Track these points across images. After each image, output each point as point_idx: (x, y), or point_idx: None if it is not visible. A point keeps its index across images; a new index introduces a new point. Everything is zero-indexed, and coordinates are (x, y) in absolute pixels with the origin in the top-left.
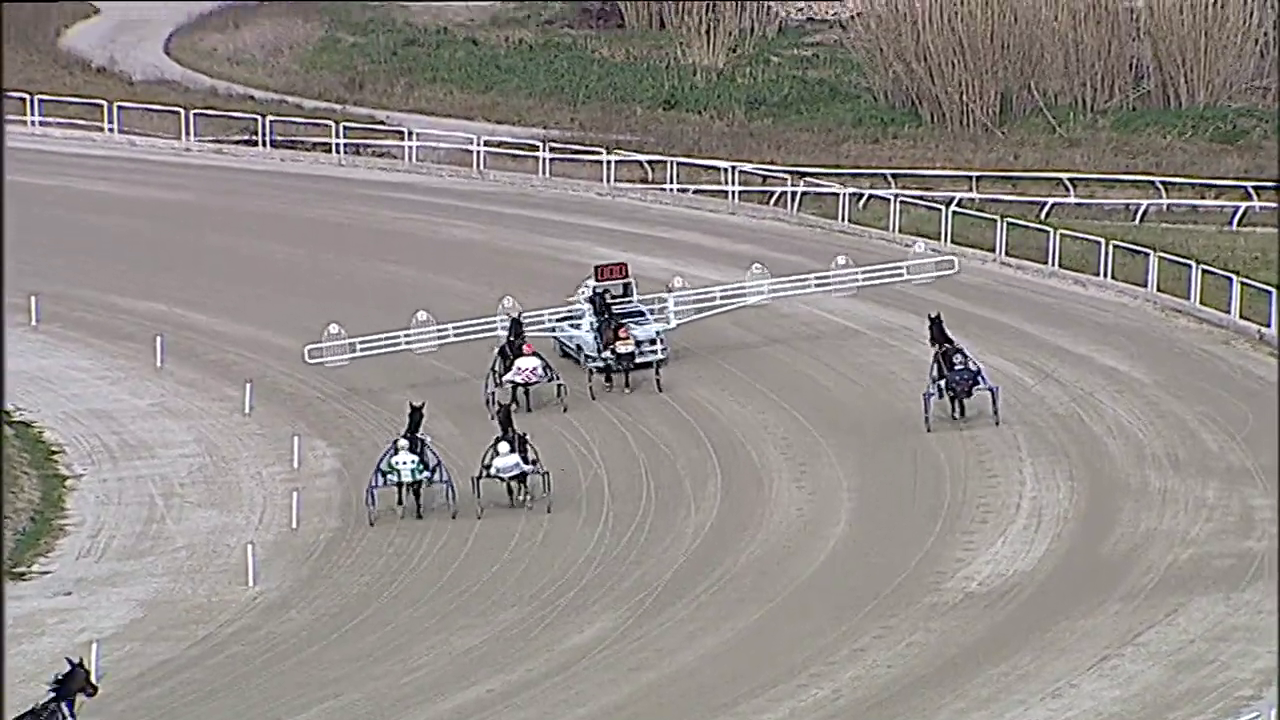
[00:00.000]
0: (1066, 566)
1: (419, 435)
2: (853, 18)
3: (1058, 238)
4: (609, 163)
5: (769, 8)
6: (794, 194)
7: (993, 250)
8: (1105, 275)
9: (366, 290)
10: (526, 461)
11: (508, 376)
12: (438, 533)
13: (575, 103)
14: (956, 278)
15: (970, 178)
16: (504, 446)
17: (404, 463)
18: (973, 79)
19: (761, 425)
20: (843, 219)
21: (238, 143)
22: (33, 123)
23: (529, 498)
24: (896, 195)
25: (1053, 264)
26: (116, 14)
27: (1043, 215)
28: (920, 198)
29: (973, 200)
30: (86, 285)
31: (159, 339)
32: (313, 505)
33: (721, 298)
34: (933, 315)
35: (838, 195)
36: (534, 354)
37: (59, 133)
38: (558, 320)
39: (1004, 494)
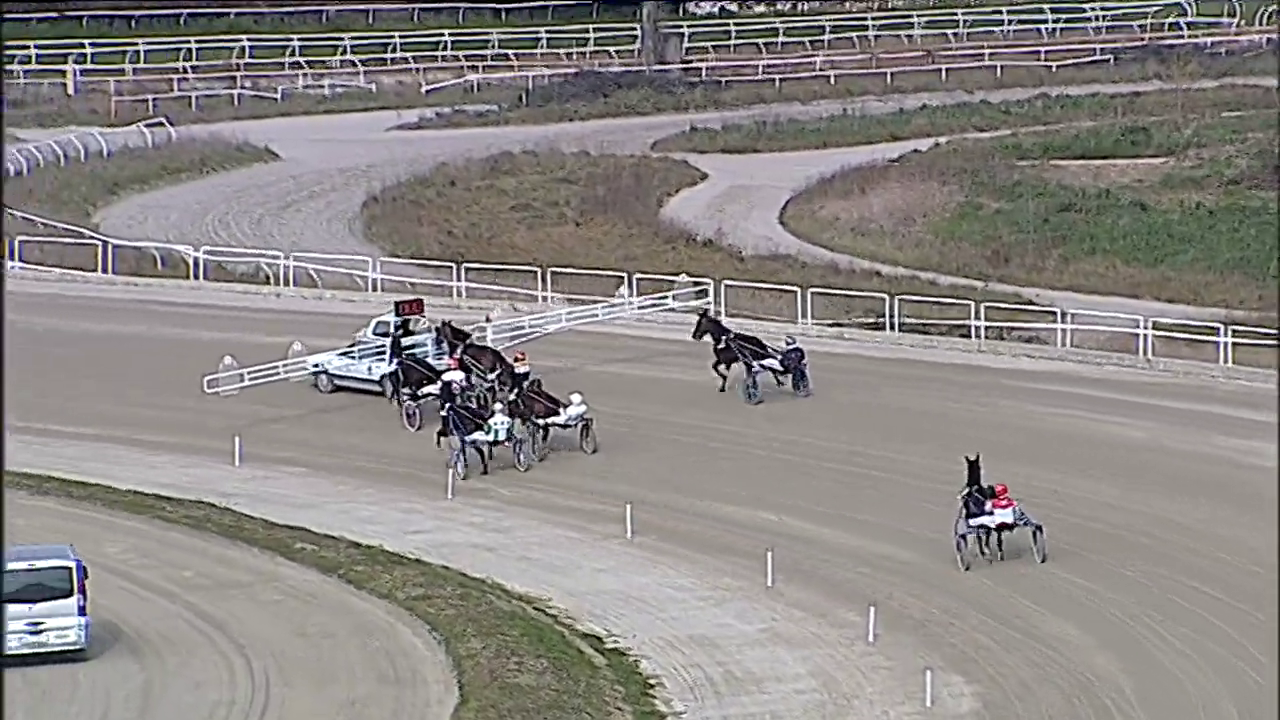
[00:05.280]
0: None
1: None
2: None
3: None
4: None
5: None
6: None
7: None
8: None
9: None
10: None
11: (429, 388)
12: None
13: (1264, 277)
14: None
15: None
16: (575, 397)
17: (501, 423)
18: None
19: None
20: None
21: (861, 325)
22: (630, 304)
23: (592, 442)
24: None
25: None
26: (726, 179)
27: None
28: None
29: None
30: (687, 492)
31: (769, 554)
32: None
33: (530, 325)
34: (704, 311)
35: None
36: (458, 367)
37: (658, 317)
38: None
39: None
